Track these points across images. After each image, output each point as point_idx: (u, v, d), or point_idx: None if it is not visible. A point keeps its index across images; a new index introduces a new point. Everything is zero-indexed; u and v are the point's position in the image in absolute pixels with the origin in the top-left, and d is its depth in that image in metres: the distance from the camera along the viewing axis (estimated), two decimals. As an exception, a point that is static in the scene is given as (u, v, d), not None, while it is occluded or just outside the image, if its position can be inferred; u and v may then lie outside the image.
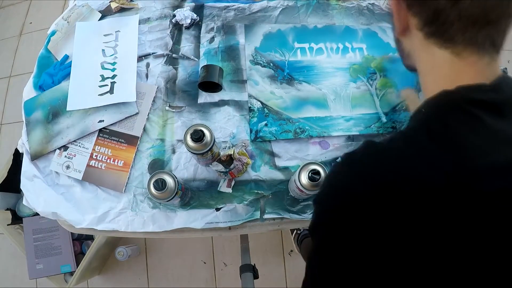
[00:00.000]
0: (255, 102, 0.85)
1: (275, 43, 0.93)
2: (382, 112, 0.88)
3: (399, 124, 0.87)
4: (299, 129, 0.83)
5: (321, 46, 0.94)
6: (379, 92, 0.90)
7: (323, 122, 0.85)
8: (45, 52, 0.91)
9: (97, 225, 0.74)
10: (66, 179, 0.78)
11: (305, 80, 0.89)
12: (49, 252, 1.21)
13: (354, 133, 0.84)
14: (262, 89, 0.87)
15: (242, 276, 0.83)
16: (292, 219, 0.77)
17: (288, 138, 0.82)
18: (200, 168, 0.79)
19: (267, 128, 0.82)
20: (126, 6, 0.96)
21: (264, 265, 1.44)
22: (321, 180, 0.66)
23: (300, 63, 0.91)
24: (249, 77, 0.88)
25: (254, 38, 0.93)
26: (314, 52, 0.93)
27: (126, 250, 1.33)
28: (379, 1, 1.03)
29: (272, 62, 0.91)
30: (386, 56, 0.93)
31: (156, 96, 0.85)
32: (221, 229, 0.76)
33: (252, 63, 0.90)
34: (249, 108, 0.84)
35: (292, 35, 0.94)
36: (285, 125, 0.83)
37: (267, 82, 0.88)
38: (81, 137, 0.80)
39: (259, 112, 0.84)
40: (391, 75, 0.92)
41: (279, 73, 0.89)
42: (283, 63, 0.91)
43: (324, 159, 0.82)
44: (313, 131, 0.83)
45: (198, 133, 0.65)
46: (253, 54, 0.91)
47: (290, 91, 0.88)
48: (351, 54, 0.94)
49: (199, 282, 1.45)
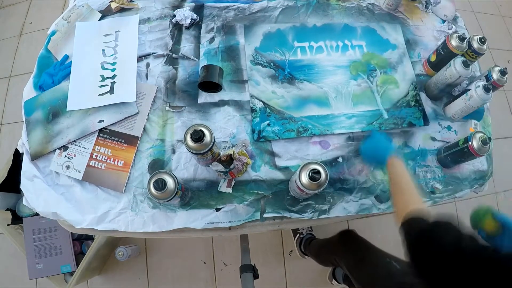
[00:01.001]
0: (257, 102, 0.85)
1: (275, 42, 0.93)
2: (383, 109, 0.88)
3: (400, 120, 0.87)
4: (301, 127, 0.83)
5: (321, 44, 0.94)
6: (380, 89, 0.90)
7: (325, 120, 0.85)
8: (45, 52, 0.91)
9: (97, 225, 0.74)
10: (66, 179, 0.78)
11: (306, 78, 0.90)
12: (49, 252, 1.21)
13: (356, 130, 0.84)
14: (264, 89, 0.87)
15: (242, 276, 0.83)
16: (292, 218, 0.77)
17: (291, 137, 0.82)
18: (200, 168, 0.79)
19: (269, 128, 0.82)
20: (126, 6, 0.96)
21: (264, 265, 1.44)
22: (321, 180, 0.66)
23: (301, 62, 0.92)
24: (250, 78, 0.88)
25: (254, 38, 0.93)
26: (314, 50, 0.93)
27: (126, 250, 1.33)
28: (379, 1, 1.03)
29: (273, 61, 0.91)
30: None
31: (156, 96, 0.85)
32: (221, 229, 0.76)
33: (253, 63, 0.90)
34: (251, 108, 0.84)
35: (291, 34, 0.94)
36: (288, 124, 0.83)
37: (268, 82, 0.88)
38: (81, 137, 0.80)
39: (261, 112, 0.84)
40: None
41: (279, 73, 0.89)
42: (284, 63, 0.91)
43: (325, 159, 0.82)
44: (316, 129, 0.83)
45: (198, 133, 0.65)
46: (253, 54, 0.91)
47: (291, 90, 0.88)
48: (351, 51, 0.94)
49: (199, 282, 1.45)
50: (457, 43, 0.86)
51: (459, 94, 0.86)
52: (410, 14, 1.03)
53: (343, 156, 0.83)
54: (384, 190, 0.81)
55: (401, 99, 0.90)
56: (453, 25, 1.04)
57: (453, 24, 1.04)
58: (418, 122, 0.88)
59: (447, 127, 0.90)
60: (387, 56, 0.95)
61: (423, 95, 0.92)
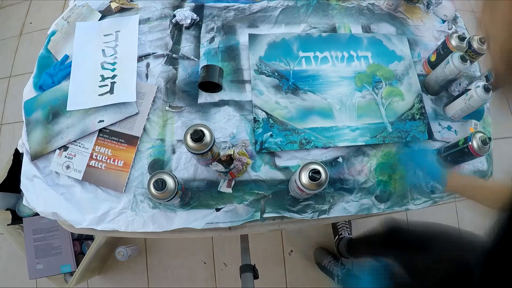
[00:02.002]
0: (260, 112, 0.84)
1: (279, 52, 0.91)
2: (387, 122, 0.87)
3: (405, 134, 0.86)
4: (304, 140, 0.82)
5: (326, 54, 0.93)
6: (384, 101, 0.89)
7: (329, 133, 0.83)
8: (45, 52, 0.91)
9: (97, 225, 0.74)
10: (66, 179, 0.78)
11: (310, 89, 0.88)
12: (49, 252, 1.21)
13: (359, 143, 0.83)
14: (267, 99, 0.86)
15: (242, 276, 0.83)
16: (292, 218, 0.77)
17: (294, 149, 0.81)
18: (200, 168, 0.79)
19: (272, 139, 0.81)
20: (126, 6, 0.96)
21: (264, 265, 1.44)
22: (321, 179, 0.66)
23: (305, 72, 0.90)
24: (253, 87, 0.87)
25: (258, 47, 0.92)
26: (319, 61, 0.92)
27: (126, 250, 1.33)
28: (379, 1, 1.03)
29: (277, 71, 0.89)
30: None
31: (156, 96, 0.85)
32: (221, 229, 0.76)
33: (257, 73, 0.88)
34: (254, 119, 0.83)
35: (296, 44, 0.93)
36: (291, 136, 0.82)
37: (272, 92, 0.87)
38: (81, 137, 0.80)
39: (264, 123, 0.83)
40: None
41: (284, 83, 0.88)
42: (288, 73, 0.89)
43: (325, 159, 0.82)
44: (319, 141, 0.82)
45: (198, 133, 0.65)
46: (257, 63, 0.89)
47: (295, 101, 0.86)
48: (356, 62, 0.93)
49: (199, 282, 1.45)
50: (457, 43, 0.86)
51: (459, 94, 0.86)
52: (410, 14, 1.03)
53: (343, 156, 0.83)
54: (384, 190, 0.81)
55: (406, 112, 0.88)
56: (453, 25, 1.04)
57: (453, 24, 1.04)
58: (422, 136, 0.86)
59: (447, 127, 0.89)
60: (392, 68, 0.93)
61: (423, 95, 0.92)
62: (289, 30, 0.95)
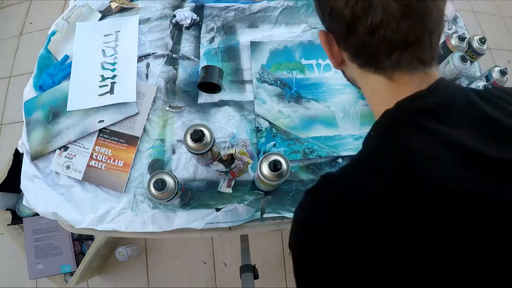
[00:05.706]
0: (263, 121, 0.83)
1: (282, 60, 0.90)
2: None
3: None
4: (308, 149, 0.81)
5: (328, 62, 0.91)
6: None
7: (332, 142, 0.82)
8: (45, 52, 0.91)
9: (97, 225, 0.74)
10: (66, 179, 0.78)
11: (313, 98, 0.87)
12: (49, 252, 1.21)
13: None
14: (270, 108, 0.85)
15: (242, 276, 0.83)
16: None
17: (297, 158, 0.80)
18: (200, 168, 0.79)
19: (275, 149, 0.80)
20: (126, 6, 0.96)
21: (264, 265, 1.44)
22: (282, 170, 0.65)
23: (308, 81, 0.89)
24: (256, 96, 0.86)
25: (261, 55, 0.91)
26: (322, 68, 0.91)
27: (126, 250, 1.33)
28: (379, 1, 1.03)
29: (279, 79, 0.88)
30: None
31: (156, 96, 0.85)
32: (221, 229, 0.76)
33: (259, 81, 0.88)
34: (256, 128, 0.82)
35: (299, 52, 0.92)
36: (294, 145, 0.81)
37: (274, 100, 0.86)
38: (81, 137, 0.80)
39: (267, 132, 0.82)
40: None
41: (286, 91, 0.87)
42: (291, 81, 0.88)
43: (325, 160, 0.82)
44: (322, 151, 0.81)
45: (198, 133, 0.65)
46: (259, 71, 0.89)
47: (298, 110, 0.85)
48: None
49: (199, 282, 1.45)
50: (457, 43, 0.86)
51: (459, 94, 0.86)
52: (410, 14, 1.03)
53: (343, 157, 0.83)
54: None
55: None
56: (453, 25, 1.04)
57: (453, 24, 1.04)
58: None
59: (447, 127, 0.89)
60: None
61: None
62: (289, 30, 0.95)
